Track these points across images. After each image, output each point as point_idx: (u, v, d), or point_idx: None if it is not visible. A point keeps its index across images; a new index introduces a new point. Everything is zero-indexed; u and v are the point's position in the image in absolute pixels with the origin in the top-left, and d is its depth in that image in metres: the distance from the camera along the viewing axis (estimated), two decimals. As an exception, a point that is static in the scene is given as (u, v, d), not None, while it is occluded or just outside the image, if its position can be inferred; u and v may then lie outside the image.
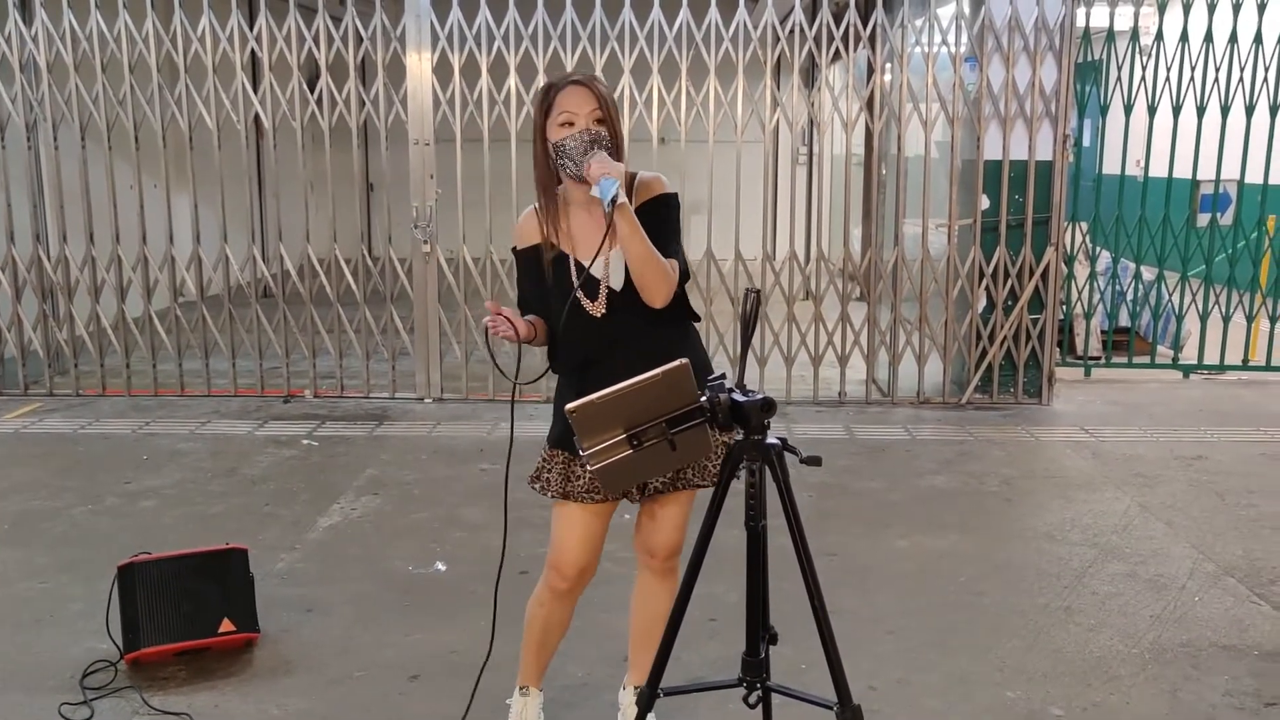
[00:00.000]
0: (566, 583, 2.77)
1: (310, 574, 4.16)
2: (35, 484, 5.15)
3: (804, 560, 2.16)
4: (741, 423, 2.11)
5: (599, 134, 2.51)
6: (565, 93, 2.53)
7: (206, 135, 6.49)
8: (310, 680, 3.37)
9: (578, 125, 2.51)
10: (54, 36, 6.39)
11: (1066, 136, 6.47)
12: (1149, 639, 3.63)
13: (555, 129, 2.53)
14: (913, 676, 3.40)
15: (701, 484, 2.74)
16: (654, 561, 2.85)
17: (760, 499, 2.17)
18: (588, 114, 2.51)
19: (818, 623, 2.21)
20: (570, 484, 2.71)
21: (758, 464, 2.13)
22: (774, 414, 2.05)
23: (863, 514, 4.82)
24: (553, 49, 6.33)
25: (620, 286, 2.59)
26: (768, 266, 6.73)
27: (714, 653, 3.47)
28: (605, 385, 2.48)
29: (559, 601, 2.82)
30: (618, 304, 2.59)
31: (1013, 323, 6.59)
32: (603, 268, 2.58)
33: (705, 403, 2.07)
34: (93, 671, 3.34)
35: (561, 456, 2.71)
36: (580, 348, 2.63)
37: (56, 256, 6.67)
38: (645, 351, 2.51)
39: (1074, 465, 5.53)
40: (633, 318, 2.59)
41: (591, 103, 2.52)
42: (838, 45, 6.45)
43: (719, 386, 2.08)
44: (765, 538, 2.24)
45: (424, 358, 6.76)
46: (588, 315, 2.60)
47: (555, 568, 2.77)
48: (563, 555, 2.75)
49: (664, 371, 2.03)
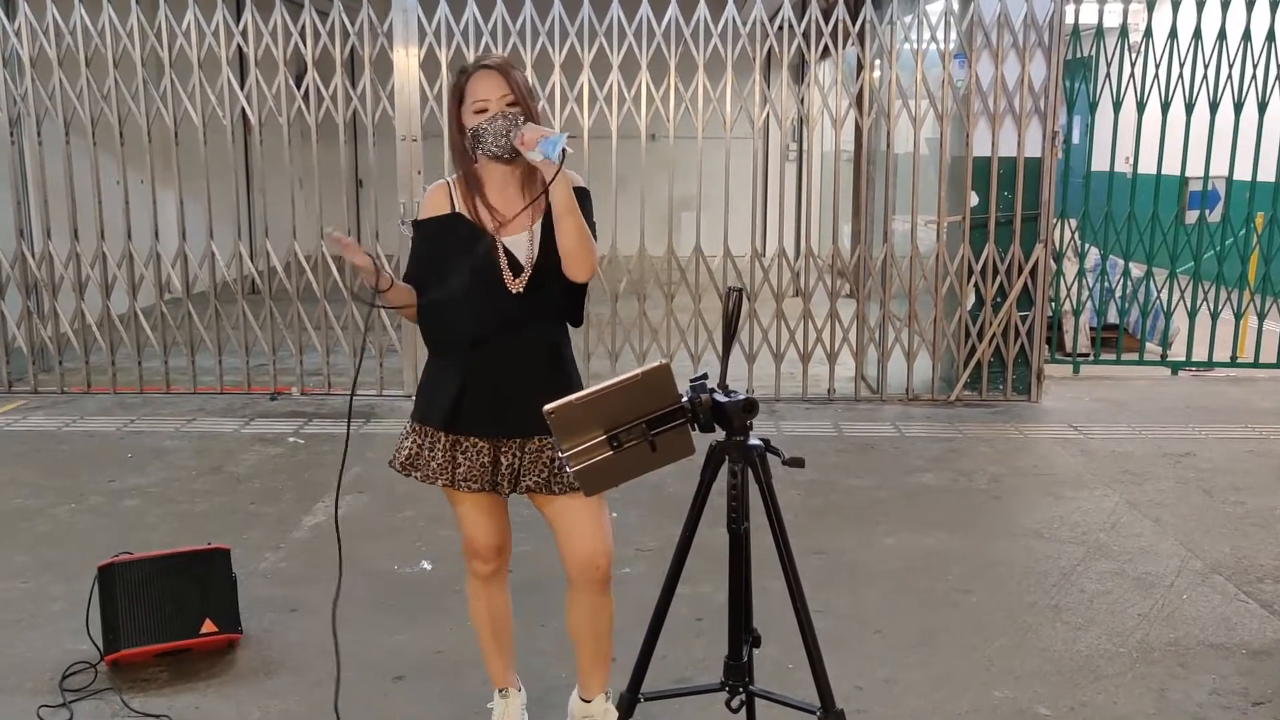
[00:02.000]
0: (489, 565, 2.81)
1: (294, 573, 4.13)
2: (17, 482, 5.11)
3: (787, 563, 2.14)
4: (723, 424, 2.09)
5: (513, 115, 2.52)
6: (476, 79, 2.55)
7: (192, 131, 6.44)
8: (293, 681, 3.34)
9: (491, 110, 2.52)
10: (37, 30, 6.34)
11: (1055, 133, 6.46)
12: (1136, 637, 3.62)
13: (470, 116, 2.54)
14: (899, 676, 3.38)
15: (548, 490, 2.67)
16: (593, 574, 2.72)
17: (743, 501, 2.15)
18: (499, 99, 2.52)
19: (800, 627, 2.20)
20: (453, 474, 2.65)
21: (740, 465, 2.10)
22: (756, 415, 2.03)
23: (851, 511, 4.81)
24: (540, 45, 6.30)
25: (536, 264, 2.59)
26: (757, 263, 6.71)
27: (700, 652, 3.45)
28: (500, 365, 2.59)
29: (489, 586, 2.85)
30: (533, 284, 2.60)
31: (1001, 320, 6.59)
32: (527, 243, 2.59)
33: (686, 404, 2.05)
34: (72, 673, 3.31)
35: (444, 440, 2.64)
36: (481, 323, 2.59)
37: (40, 253, 6.62)
38: (539, 340, 2.62)
39: (1062, 463, 5.52)
40: (543, 299, 2.61)
41: (503, 88, 2.53)
42: (826, 41, 6.43)
43: (700, 387, 2.06)
44: (748, 540, 2.22)
45: (411, 355, 6.72)
46: (504, 290, 2.58)
47: (472, 555, 2.82)
48: (475, 542, 2.78)
49: (644, 372, 2.01)
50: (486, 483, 2.66)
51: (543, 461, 2.64)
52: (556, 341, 2.69)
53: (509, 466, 2.64)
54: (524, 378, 2.61)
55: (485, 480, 2.65)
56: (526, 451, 2.64)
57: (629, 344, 6.74)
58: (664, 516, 4.61)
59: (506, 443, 2.64)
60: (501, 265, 2.58)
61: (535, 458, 2.64)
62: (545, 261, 2.59)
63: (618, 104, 6.38)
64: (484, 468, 2.64)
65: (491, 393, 2.62)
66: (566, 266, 2.56)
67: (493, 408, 2.62)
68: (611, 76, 6.34)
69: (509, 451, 2.64)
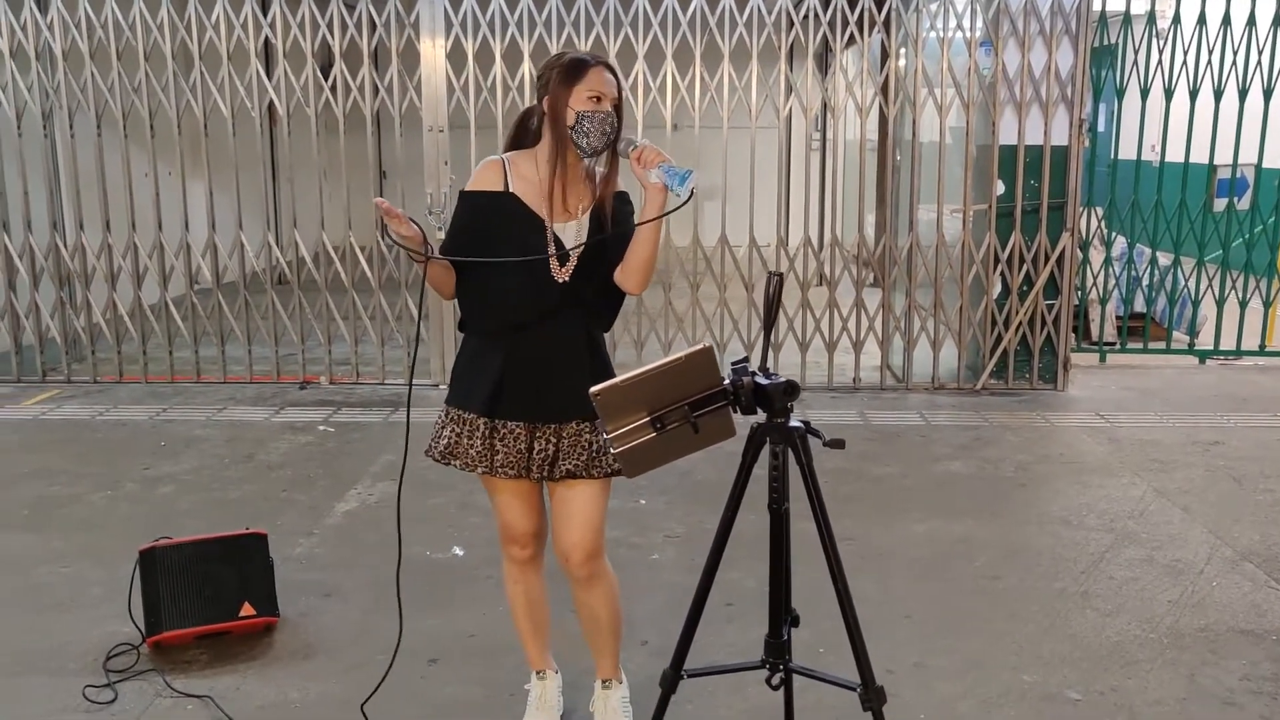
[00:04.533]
0: (526, 550, 2.84)
1: (328, 559, 4.19)
2: (53, 470, 5.18)
3: (827, 543, 2.17)
4: (765, 406, 2.11)
5: (613, 118, 2.58)
6: (597, 69, 2.58)
7: (221, 122, 6.50)
8: (330, 664, 3.39)
9: (603, 105, 2.57)
10: (69, 24, 6.41)
11: (1082, 121, 6.44)
12: (1166, 623, 3.63)
13: (581, 99, 2.55)
14: (929, 660, 3.40)
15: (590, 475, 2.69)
16: (570, 568, 2.76)
17: (783, 482, 2.17)
18: (612, 99, 2.59)
19: (841, 606, 2.22)
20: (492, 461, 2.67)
21: (781, 447, 2.13)
22: (797, 397, 2.05)
23: (879, 499, 4.82)
24: (566, 34, 6.32)
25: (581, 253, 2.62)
26: (782, 252, 6.72)
27: (731, 637, 3.48)
28: (540, 351, 2.63)
29: (525, 571, 2.88)
30: (576, 275, 2.63)
31: (1028, 308, 6.57)
32: (575, 232, 2.63)
33: (729, 386, 2.08)
34: (116, 655, 3.37)
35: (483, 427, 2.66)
36: (523, 308, 2.61)
37: (73, 244, 6.70)
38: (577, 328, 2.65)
39: (1090, 450, 5.52)
40: (584, 289, 2.64)
41: (615, 91, 2.60)
42: (852, 30, 6.43)
43: (743, 370, 2.08)
44: (788, 520, 2.24)
45: (438, 344, 6.77)
46: (549, 278, 2.61)
47: (509, 541, 2.84)
48: (511, 529, 2.81)
49: (687, 355, 2.04)
50: (522, 469, 2.68)
51: (582, 444, 2.67)
52: (591, 335, 2.71)
53: (541, 452, 2.67)
54: (563, 364, 2.64)
55: (521, 466, 2.68)
56: (564, 436, 2.67)
57: (654, 333, 6.76)
58: (692, 503, 4.65)
59: (543, 428, 2.67)
60: (551, 252, 2.60)
61: (574, 441, 2.67)
62: (587, 251, 2.62)
63: (643, 94, 6.40)
64: (520, 454, 2.67)
65: (531, 378, 2.64)
66: (625, 276, 2.62)
67: (533, 393, 2.65)
68: (637, 66, 6.36)
69: (544, 437, 2.67)
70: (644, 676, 3.22)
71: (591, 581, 2.78)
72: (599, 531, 2.75)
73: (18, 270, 6.70)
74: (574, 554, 2.73)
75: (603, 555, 2.79)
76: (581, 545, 2.72)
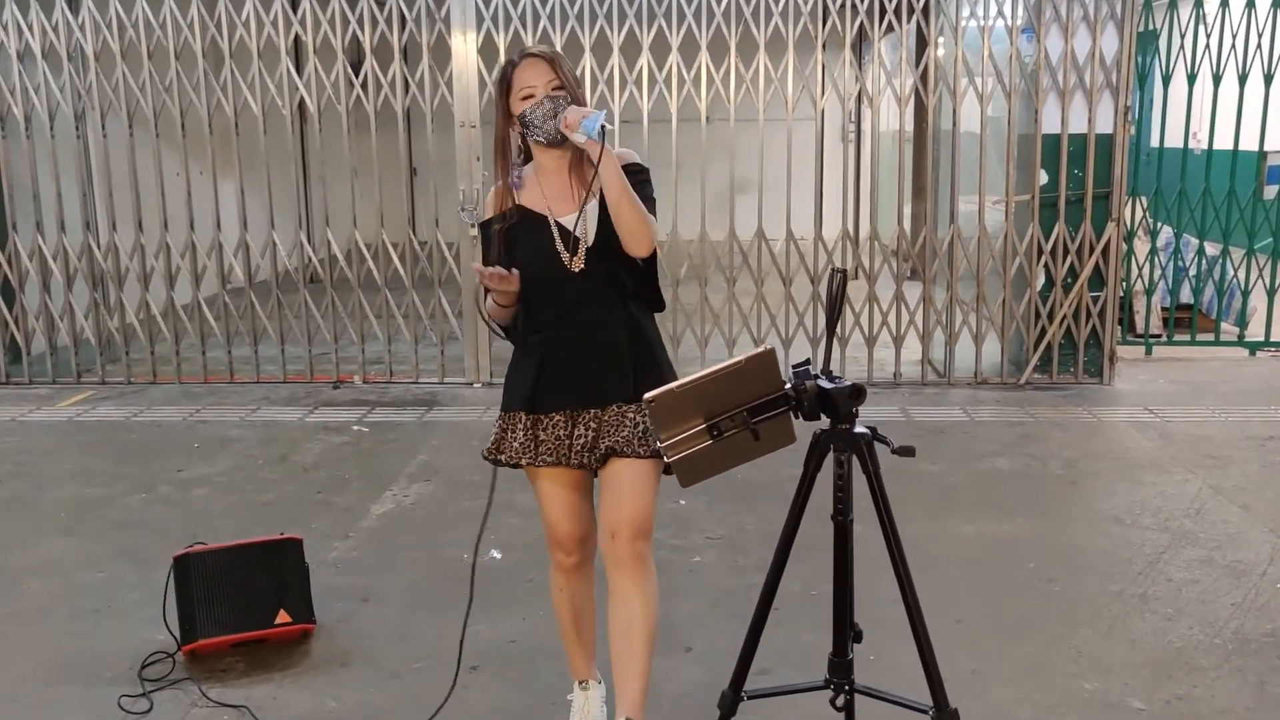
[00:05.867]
0: (571, 557, 2.78)
1: (365, 563, 4.12)
2: (89, 472, 5.16)
3: (897, 557, 2.05)
4: (829, 411, 2.01)
5: (557, 97, 2.56)
6: (521, 68, 2.60)
7: (252, 121, 6.46)
8: (368, 672, 3.32)
9: (537, 97, 2.56)
10: (100, 24, 6.38)
11: (1127, 108, 6.28)
12: (1231, 628, 3.49)
13: (518, 103, 2.59)
14: (984, 666, 3.29)
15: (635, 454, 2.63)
16: (618, 545, 2.59)
17: (848, 491, 2.07)
18: (545, 84, 2.57)
19: (911, 623, 2.11)
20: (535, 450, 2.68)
21: (846, 455, 2.02)
22: (863, 401, 1.94)
23: (924, 498, 4.70)
24: (599, 28, 6.23)
25: (592, 241, 2.61)
26: (819, 246, 6.60)
27: (778, 642, 3.35)
28: (574, 343, 2.63)
29: (572, 578, 2.82)
30: (594, 261, 2.61)
31: (1073, 300, 6.42)
32: (579, 221, 2.61)
33: (790, 390, 1.97)
34: (151, 663, 3.31)
35: (525, 421, 2.67)
36: (552, 306, 2.64)
37: (106, 244, 6.68)
38: (610, 316, 2.63)
39: (1139, 446, 5.37)
40: (607, 277, 2.63)
41: (548, 74, 2.57)
42: (890, 18, 6.29)
43: (805, 373, 1.98)
44: (851, 532, 2.13)
45: (472, 342, 6.70)
46: (565, 270, 2.61)
47: (554, 546, 2.79)
48: (555, 531, 2.77)
49: (747, 358, 1.93)
50: (562, 455, 2.66)
51: (625, 423, 2.62)
52: (632, 315, 2.67)
53: (581, 438, 2.65)
54: (598, 353, 2.63)
55: (561, 453, 2.66)
56: (605, 419, 2.64)
57: (690, 329, 6.67)
58: (733, 503, 4.54)
59: (583, 414, 2.65)
60: (558, 246, 2.61)
61: (617, 419, 2.63)
62: (602, 236, 2.60)
63: (677, 86, 6.29)
64: (559, 440, 2.66)
65: (567, 370, 2.65)
66: (625, 244, 2.58)
67: (569, 382, 2.65)
68: (671, 59, 6.26)
69: (584, 423, 2.65)
70: (689, 683, 3.13)
71: (636, 566, 2.59)
72: (649, 509, 2.61)
73: (52, 272, 6.69)
74: (622, 529, 2.58)
75: (651, 540, 2.65)
76: (631, 520, 2.58)
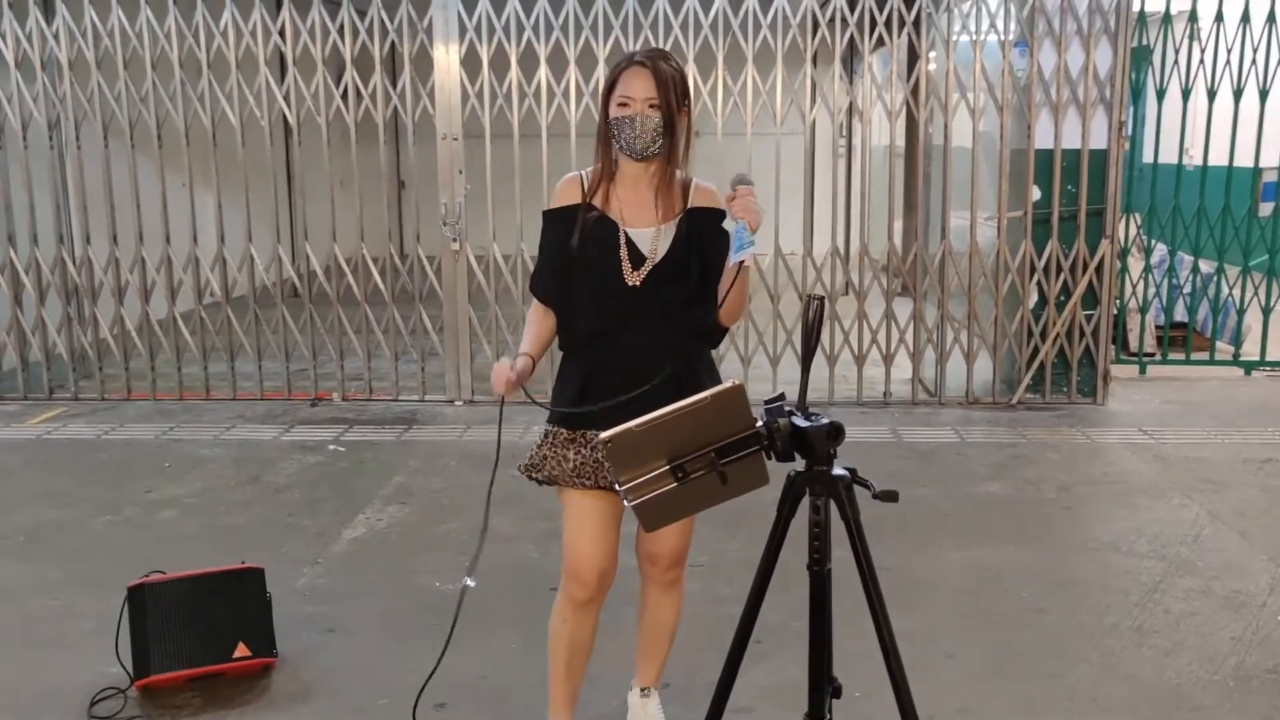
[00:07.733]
0: (587, 590, 2.63)
1: (333, 591, 3.97)
2: (54, 493, 5.00)
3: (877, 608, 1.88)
4: (805, 451, 1.85)
5: (650, 118, 2.50)
6: (627, 74, 2.53)
7: (230, 132, 6.32)
8: (330, 707, 3.17)
9: (632, 109, 2.50)
10: (75, 33, 6.25)
11: (1121, 123, 6.17)
12: (1232, 663, 3.36)
13: (614, 107, 2.54)
14: (975, 705, 3.15)
15: None
16: (655, 571, 2.75)
17: (825, 539, 1.91)
18: (643, 100, 2.50)
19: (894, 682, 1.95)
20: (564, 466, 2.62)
21: (823, 499, 1.87)
22: (842, 441, 1.80)
23: (914, 524, 4.55)
24: (584, 39, 6.11)
25: (659, 261, 2.55)
26: (808, 262, 6.47)
27: (763, 678, 3.23)
28: (619, 359, 2.54)
29: (580, 615, 2.68)
30: (652, 281, 2.55)
31: (1065, 319, 6.31)
32: (651, 239, 2.56)
33: (762, 429, 1.82)
34: (101, 699, 3.15)
35: (564, 437, 2.62)
36: (600, 315, 2.58)
37: (80, 258, 6.53)
38: (658, 339, 2.54)
39: (1135, 469, 5.25)
40: (662, 299, 2.56)
41: (649, 90, 2.50)
42: (880, 31, 6.18)
43: (778, 410, 1.82)
44: (829, 582, 1.97)
45: (454, 358, 6.56)
46: (621, 281, 2.55)
47: (573, 575, 2.65)
48: (579, 559, 2.62)
49: (714, 394, 1.77)
50: (599, 476, 2.56)
51: None
52: (682, 346, 2.58)
53: None
54: (642, 374, 2.49)
55: (597, 474, 2.57)
56: None
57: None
58: (716, 530, 4.37)
59: None
60: (622, 255, 2.54)
61: None
62: (668, 260, 2.54)
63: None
64: (597, 463, 2.56)
65: (610, 388, 2.52)
66: (723, 316, 2.58)
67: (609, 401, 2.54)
68: (657, 71, 6.13)
69: None
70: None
71: (671, 587, 2.78)
72: (688, 539, 2.71)
73: (24, 285, 6.53)
74: (663, 559, 2.71)
75: (685, 564, 2.77)
76: (671, 553, 2.70)
